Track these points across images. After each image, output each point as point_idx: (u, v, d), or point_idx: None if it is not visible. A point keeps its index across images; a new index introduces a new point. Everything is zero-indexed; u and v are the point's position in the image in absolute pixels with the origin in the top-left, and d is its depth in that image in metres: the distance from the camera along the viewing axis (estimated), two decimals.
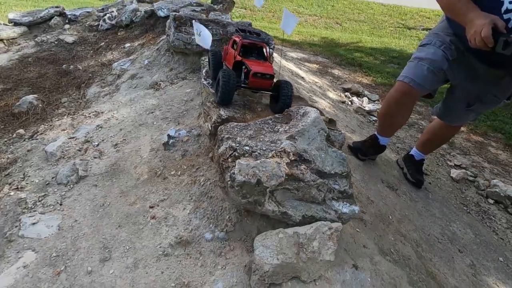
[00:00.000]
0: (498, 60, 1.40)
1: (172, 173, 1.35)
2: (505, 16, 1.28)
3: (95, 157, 1.67)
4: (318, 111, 1.19)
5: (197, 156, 1.37)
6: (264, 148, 1.01)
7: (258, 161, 0.94)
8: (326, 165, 1.03)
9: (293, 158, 0.99)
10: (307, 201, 0.97)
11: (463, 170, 2.77)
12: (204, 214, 1.11)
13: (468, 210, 2.29)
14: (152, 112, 1.93)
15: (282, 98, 1.35)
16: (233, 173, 0.92)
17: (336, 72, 4.97)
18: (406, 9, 10.19)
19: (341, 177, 1.04)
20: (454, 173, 2.70)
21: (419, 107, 4.16)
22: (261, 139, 1.06)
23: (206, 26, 2.34)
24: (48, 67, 3.00)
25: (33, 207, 1.46)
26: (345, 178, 1.05)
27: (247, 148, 1.00)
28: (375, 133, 1.96)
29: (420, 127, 3.54)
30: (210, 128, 1.26)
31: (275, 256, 0.87)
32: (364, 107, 3.46)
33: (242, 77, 1.41)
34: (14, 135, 2.18)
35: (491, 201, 2.49)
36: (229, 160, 0.98)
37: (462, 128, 3.85)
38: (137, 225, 1.19)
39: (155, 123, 1.81)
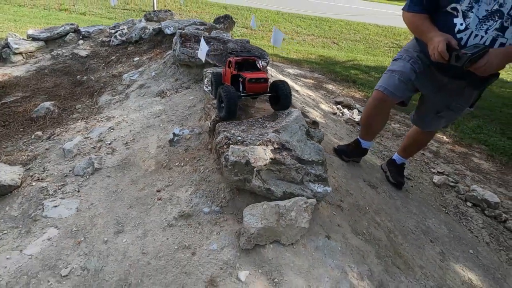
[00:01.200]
0: (457, 72, 1.65)
1: (176, 164, 1.57)
2: (458, 36, 1.54)
3: (108, 153, 1.89)
4: (300, 111, 1.42)
5: (198, 150, 1.59)
6: (253, 139, 1.23)
7: (248, 147, 1.16)
8: (305, 154, 1.25)
9: (276, 147, 1.21)
10: (287, 181, 1.18)
11: (445, 176, 2.98)
12: (203, 194, 1.32)
13: (446, 211, 2.47)
14: (158, 116, 2.17)
15: (281, 96, 1.50)
16: (227, 155, 1.14)
17: (330, 87, 5.27)
18: (400, 30, 10.66)
19: (318, 164, 1.26)
20: (436, 178, 2.91)
21: (407, 120, 4.41)
22: (251, 132, 1.29)
23: (208, 42, 2.64)
24: (63, 77, 3.28)
25: (53, 194, 1.67)
26: (320, 165, 1.26)
27: (239, 138, 1.22)
28: (358, 137, 2.19)
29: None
30: (209, 126, 1.49)
31: (259, 221, 1.07)
32: (354, 118, 3.71)
33: (240, 88, 1.56)
34: (33, 136, 2.41)
35: (470, 204, 2.68)
36: (224, 146, 1.20)
37: (447, 139, 4.08)
38: (146, 205, 1.39)
39: (161, 125, 2.05)
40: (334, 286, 1.01)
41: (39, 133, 2.43)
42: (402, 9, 1.72)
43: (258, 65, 1.71)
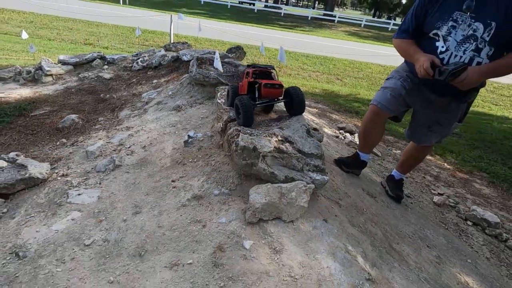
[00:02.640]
0: (442, 89, 1.87)
1: (189, 160, 1.75)
2: (440, 56, 1.78)
3: (127, 154, 2.08)
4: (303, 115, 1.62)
5: (210, 149, 1.77)
6: (260, 132, 1.41)
7: (255, 136, 1.34)
8: (305, 147, 1.41)
9: (280, 139, 1.38)
10: (289, 167, 1.34)
11: (445, 197, 3.06)
12: (213, 181, 1.47)
13: (446, 227, 2.52)
14: (174, 126, 2.39)
15: (295, 101, 1.67)
16: (237, 141, 1.31)
17: (333, 116, 5.52)
18: None
19: (316, 157, 1.42)
20: (436, 198, 2.99)
21: None
22: (258, 129, 1.47)
23: (222, 65, 2.94)
24: (87, 96, 3.60)
25: (77, 185, 1.84)
26: (319, 158, 1.42)
27: (247, 131, 1.41)
28: (357, 150, 2.35)
29: None
30: (221, 126, 1.69)
31: (263, 198, 1.21)
32: (356, 141, 3.88)
33: (256, 94, 1.70)
34: (58, 143, 2.64)
35: (470, 223, 2.73)
36: (235, 136, 1.38)
37: (448, 166, 4.18)
38: (162, 192, 1.54)
39: (176, 132, 2.26)
40: (329, 256, 1.11)
41: (64, 140, 2.66)
42: (393, 37, 1.99)
43: (273, 76, 1.88)
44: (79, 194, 1.71)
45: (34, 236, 1.36)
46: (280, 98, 1.75)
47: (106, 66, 4.22)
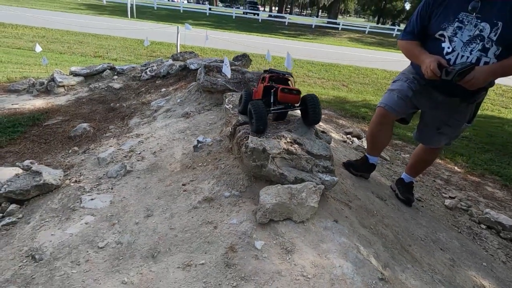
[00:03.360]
0: (450, 89, 1.86)
1: (199, 165, 1.77)
2: (447, 57, 1.78)
3: (138, 160, 2.12)
4: None
5: (219, 153, 1.79)
6: (269, 134, 1.43)
7: (264, 138, 1.36)
8: (314, 149, 1.42)
9: (289, 140, 1.40)
10: (298, 168, 1.35)
11: (457, 200, 3.01)
12: (224, 183, 1.48)
13: (459, 230, 2.48)
14: (183, 132, 2.43)
15: (311, 110, 1.56)
16: (247, 143, 1.33)
17: (341, 121, 5.51)
18: None
19: (325, 158, 1.43)
20: (448, 202, 2.94)
21: None
22: (266, 132, 1.50)
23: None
24: (98, 105, 3.68)
25: (90, 191, 1.87)
26: (328, 160, 1.43)
27: (256, 135, 1.43)
28: (365, 153, 2.35)
29: None
30: (230, 130, 1.71)
31: (274, 198, 1.22)
32: (364, 146, 3.86)
33: (272, 99, 1.59)
34: (70, 151, 2.70)
35: (484, 226, 2.67)
36: (244, 139, 1.40)
37: (459, 170, 4.12)
38: (172, 196, 1.56)
39: (185, 138, 2.29)
40: (341, 255, 1.11)
41: (76, 148, 2.72)
42: (398, 39, 2.01)
43: (290, 83, 1.79)
44: (92, 199, 1.75)
45: (49, 240, 1.38)
46: (296, 105, 1.64)
47: (115, 77, 4.32)
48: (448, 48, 1.78)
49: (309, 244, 1.16)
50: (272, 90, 1.61)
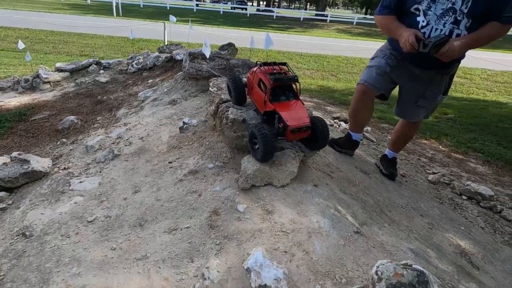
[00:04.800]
0: (426, 63, 1.94)
1: (185, 144, 1.81)
2: (422, 31, 1.85)
3: (125, 145, 2.15)
4: None
5: (204, 132, 1.84)
6: (249, 107, 1.48)
7: (245, 110, 1.41)
8: None
9: None
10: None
11: (440, 174, 3.11)
12: (208, 157, 1.54)
13: (441, 202, 2.58)
14: (170, 118, 2.46)
15: (319, 137, 1.32)
16: (227, 114, 1.38)
17: (329, 108, 5.59)
18: None
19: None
20: (431, 176, 3.04)
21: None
22: (248, 106, 1.55)
23: (213, 59, 3.02)
24: (85, 99, 3.68)
25: (78, 175, 1.90)
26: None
27: (237, 107, 1.48)
28: (349, 131, 2.42)
29: (401, 151, 3.95)
30: (214, 109, 1.76)
31: (254, 165, 1.27)
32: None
33: (276, 127, 1.31)
34: (58, 142, 2.71)
35: (465, 197, 2.78)
36: (225, 112, 1.45)
37: (443, 148, 4.24)
38: (159, 173, 1.61)
39: (172, 122, 2.33)
40: (319, 214, 1.17)
41: (64, 139, 2.73)
42: (374, 14, 2.07)
43: (295, 88, 1.46)
44: (80, 182, 1.78)
45: (39, 218, 1.42)
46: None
47: (102, 71, 4.31)
48: (423, 21, 1.85)
49: (289, 205, 1.22)
50: (279, 124, 1.29)
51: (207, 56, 1.85)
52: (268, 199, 1.24)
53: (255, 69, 1.47)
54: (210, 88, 2.26)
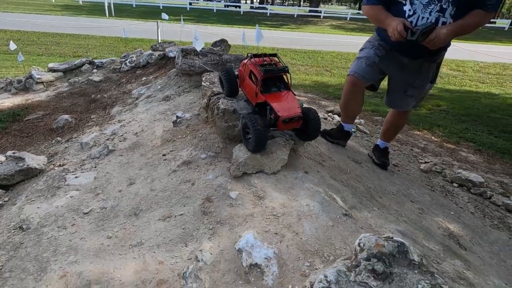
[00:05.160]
0: (415, 51, 1.98)
1: (179, 137, 1.84)
2: (409, 20, 1.89)
3: (120, 141, 2.17)
4: None
5: (197, 125, 1.87)
6: (239, 98, 1.51)
7: (235, 101, 1.44)
8: None
9: None
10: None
11: (432, 163, 3.17)
12: (201, 148, 1.56)
13: (432, 189, 2.63)
14: (164, 113, 2.48)
15: (311, 127, 1.33)
16: (218, 105, 1.41)
17: (323, 102, 5.63)
18: None
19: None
20: (423, 165, 3.10)
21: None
22: (238, 98, 1.58)
23: (206, 55, 3.04)
24: (79, 98, 3.68)
25: (74, 171, 1.92)
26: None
27: (229, 99, 1.51)
28: (340, 122, 2.46)
29: (394, 142, 4.00)
30: (206, 101, 1.79)
31: (246, 153, 1.31)
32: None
33: (267, 117, 1.34)
34: (53, 141, 2.72)
35: (455, 185, 2.84)
36: (216, 103, 1.48)
37: (436, 139, 4.30)
38: (153, 166, 1.64)
39: (166, 118, 2.35)
40: (309, 198, 1.21)
41: (59, 138, 2.74)
42: (362, 4, 2.11)
43: (286, 79, 1.48)
44: (76, 177, 1.80)
45: (35, 212, 1.44)
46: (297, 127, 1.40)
47: (95, 70, 4.30)
48: (409, 10, 1.89)
49: (280, 191, 1.25)
50: (271, 115, 1.33)
51: (198, 50, 1.87)
52: (260, 186, 1.27)
53: (245, 61, 1.49)
54: (203, 83, 2.28)
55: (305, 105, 1.41)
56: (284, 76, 1.45)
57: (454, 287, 0.87)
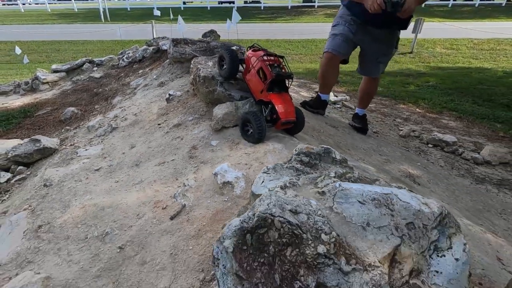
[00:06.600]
0: (385, 22, 2.21)
1: (171, 110, 2.12)
2: None
3: (122, 121, 2.46)
4: None
5: (186, 99, 2.14)
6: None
7: (214, 69, 1.71)
8: None
9: None
10: (244, 90, 1.70)
11: (410, 129, 3.40)
12: (188, 114, 1.84)
13: (407, 149, 2.88)
14: (159, 96, 2.76)
15: (297, 129, 1.55)
16: (199, 73, 1.68)
17: (313, 86, 5.87)
18: None
19: None
20: (402, 131, 3.34)
21: (377, 101, 4.89)
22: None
23: (194, 43, 3.31)
24: (83, 93, 3.99)
25: (83, 146, 2.22)
26: None
27: (208, 66, 1.79)
28: (318, 92, 2.72)
29: (378, 114, 4.23)
30: (193, 77, 2.06)
31: (224, 110, 1.58)
32: (331, 99, 4.24)
33: (265, 113, 1.48)
34: (63, 130, 3.02)
35: (430, 145, 3.08)
36: (197, 71, 1.75)
37: (419, 110, 4.52)
38: (150, 133, 1.92)
39: (161, 99, 2.63)
40: (276, 142, 1.47)
41: (68, 127, 3.05)
42: None
43: (287, 83, 1.61)
44: (86, 150, 2.10)
45: (56, 173, 1.74)
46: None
47: (95, 68, 4.60)
48: None
49: None
50: (273, 116, 1.49)
51: (181, 33, 2.13)
52: (236, 136, 1.54)
53: (258, 53, 1.59)
54: (191, 65, 2.55)
55: (298, 90, 1.55)
56: (286, 81, 1.60)
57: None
